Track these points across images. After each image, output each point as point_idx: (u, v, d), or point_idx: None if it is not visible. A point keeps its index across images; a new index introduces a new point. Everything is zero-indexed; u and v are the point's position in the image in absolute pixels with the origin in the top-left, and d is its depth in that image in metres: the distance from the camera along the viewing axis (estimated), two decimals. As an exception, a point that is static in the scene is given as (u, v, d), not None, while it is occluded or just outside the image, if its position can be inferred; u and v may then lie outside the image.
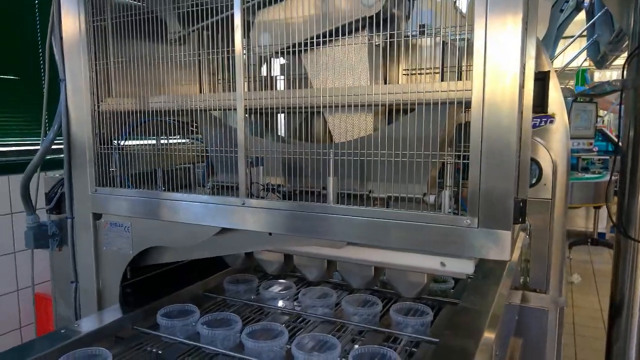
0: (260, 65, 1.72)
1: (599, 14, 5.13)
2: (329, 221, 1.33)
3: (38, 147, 1.84)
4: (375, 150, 1.32)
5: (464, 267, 1.29)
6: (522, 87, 1.23)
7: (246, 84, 1.42)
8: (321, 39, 1.37)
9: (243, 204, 1.43)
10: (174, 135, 1.77)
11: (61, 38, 1.75)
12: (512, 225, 1.10)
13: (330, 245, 1.47)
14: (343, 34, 1.38)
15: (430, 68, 1.55)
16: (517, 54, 1.09)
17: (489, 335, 1.36)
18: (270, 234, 1.44)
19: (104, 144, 1.71)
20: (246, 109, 1.43)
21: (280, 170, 1.52)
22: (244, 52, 1.41)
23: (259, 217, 1.41)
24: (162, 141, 1.70)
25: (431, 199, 1.35)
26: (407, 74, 1.50)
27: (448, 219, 1.18)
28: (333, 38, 1.36)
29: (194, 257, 1.67)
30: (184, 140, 1.84)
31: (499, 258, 1.11)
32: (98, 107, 1.71)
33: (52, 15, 1.73)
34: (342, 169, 1.37)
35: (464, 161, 1.18)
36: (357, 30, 1.41)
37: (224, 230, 1.51)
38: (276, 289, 1.86)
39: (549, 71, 1.93)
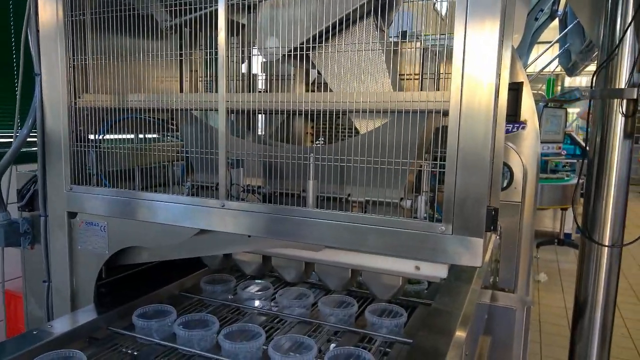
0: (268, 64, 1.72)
1: (572, 24, 5.30)
2: (308, 225, 1.35)
3: (10, 141, 1.79)
4: (354, 155, 1.34)
5: (437, 271, 1.34)
6: (497, 96, 1.28)
7: (227, 84, 1.42)
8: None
9: (223, 206, 1.44)
10: (152, 133, 1.76)
11: (37, 31, 1.71)
12: (484, 233, 1.15)
13: (308, 248, 1.49)
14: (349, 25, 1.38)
15: (411, 75, 1.59)
16: (493, 63, 1.14)
17: (460, 334, 1.41)
18: (249, 236, 1.45)
19: (80, 141, 1.69)
20: (228, 110, 1.43)
21: (261, 172, 1.53)
22: (228, 51, 1.41)
23: (239, 220, 1.42)
24: (140, 139, 1.69)
25: (407, 203, 1.39)
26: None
27: (423, 225, 1.22)
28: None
29: (171, 258, 1.66)
30: (161, 138, 1.82)
31: (471, 264, 1.16)
32: (75, 103, 1.68)
33: (29, 8, 1.69)
34: (322, 172, 1.40)
35: (441, 169, 1.21)
36: (361, 18, 1.39)
37: (202, 232, 1.52)
38: (253, 289, 1.87)
39: (522, 82, 2.00)
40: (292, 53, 1.43)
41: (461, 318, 1.54)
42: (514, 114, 1.70)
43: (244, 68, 1.81)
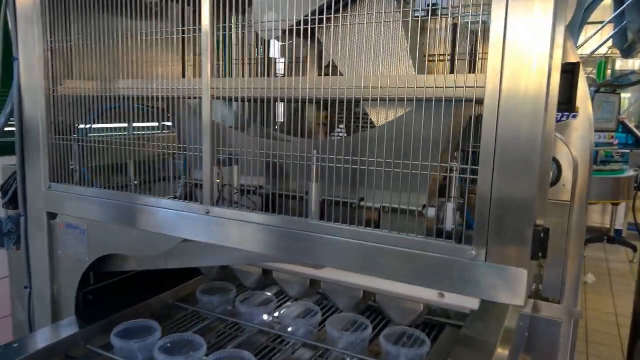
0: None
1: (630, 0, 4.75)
2: (309, 241, 1.10)
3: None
4: (368, 152, 1.08)
5: (466, 301, 1.07)
6: (549, 80, 0.99)
7: (212, 67, 1.18)
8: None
9: (207, 212, 1.21)
10: (143, 124, 1.55)
11: (15, 11, 1.52)
12: (530, 262, 0.87)
13: (312, 265, 1.25)
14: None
15: (436, 55, 1.30)
16: (546, 37, 0.85)
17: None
18: (239, 248, 1.22)
19: (60, 133, 1.50)
20: (213, 97, 1.20)
21: (258, 170, 1.29)
22: (213, 27, 1.17)
23: (226, 230, 1.19)
24: (129, 130, 1.49)
25: (431, 212, 1.12)
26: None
27: (448, 247, 0.95)
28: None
29: (159, 267, 1.46)
30: (152, 129, 1.61)
31: (511, 302, 0.88)
32: (54, 90, 1.49)
33: (5, -18, 1.51)
34: (329, 172, 1.14)
35: (472, 167, 0.94)
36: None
37: (189, 240, 1.30)
38: (254, 301, 1.65)
39: (578, 63, 1.65)
40: (293, 28, 1.17)
41: (498, 346, 1.27)
42: (567, 102, 1.37)
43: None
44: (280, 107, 1.52)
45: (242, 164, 1.26)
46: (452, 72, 1.27)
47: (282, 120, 1.58)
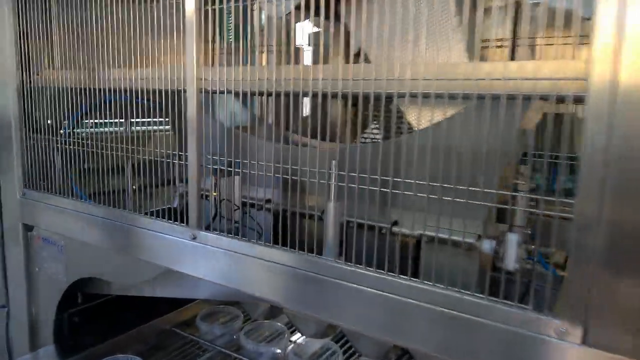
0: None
1: None
2: (324, 289, 0.82)
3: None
4: (405, 162, 0.79)
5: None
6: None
7: (197, 54, 0.90)
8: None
9: (193, 238, 0.95)
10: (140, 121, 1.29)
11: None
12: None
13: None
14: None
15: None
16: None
17: None
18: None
19: (37, 132, 1.27)
20: (202, 91, 0.92)
21: (265, 181, 1.01)
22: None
23: (214, 262, 0.93)
24: (118, 127, 1.24)
25: (487, 245, 0.82)
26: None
27: (522, 317, 0.64)
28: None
29: (146, 295, 1.21)
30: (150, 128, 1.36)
31: (626, 417, 0.57)
32: (30, 81, 1.26)
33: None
34: (354, 187, 0.85)
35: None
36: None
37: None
38: (263, 333, 1.39)
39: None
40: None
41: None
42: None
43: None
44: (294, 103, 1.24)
45: (246, 174, 0.98)
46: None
47: (297, 120, 1.29)
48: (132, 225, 1.04)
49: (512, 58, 1.04)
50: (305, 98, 0.91)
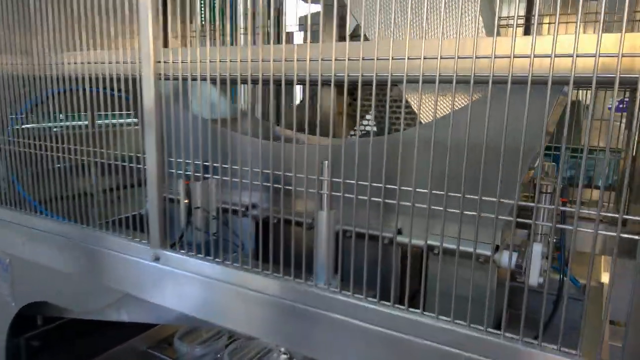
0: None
1: None
2: (314, 323, 0.65)
3: None
4: (409, 160, 0.63)
5: None
6: None
7: (154, 35, 0.72)
8: None
9: (156, 259, 0.77)
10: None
11: None
12: None
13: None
14: None
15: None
16: None
17: None
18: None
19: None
20: (160, 77, 0.75)
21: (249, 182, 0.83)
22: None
23: (182, 289, 0.75)
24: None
25: (505, 258, 0.68)
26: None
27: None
28: None
29: (111, 319, 1.04)
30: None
31: None
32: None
33: None
34: (349, 190, 0.68)
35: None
36: None
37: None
38: (250, 352, 1.22)
39: None
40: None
41: None
42: None
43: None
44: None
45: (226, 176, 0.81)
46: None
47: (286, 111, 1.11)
48: (85, 242, 0.87)
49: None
50: (292, 85, 0.73)
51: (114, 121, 0.95)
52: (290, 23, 1.11)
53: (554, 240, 0.83)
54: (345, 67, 0.62)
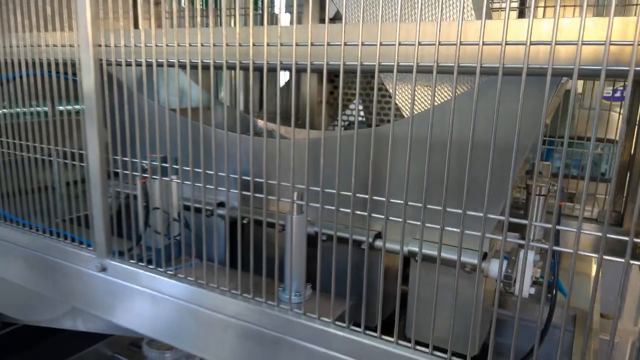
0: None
1: None
2: (273, 348, 0.57)
3: None
4: (392, 157, 0.54)
5: None
6: None
7: (92, 14, 0.62)
8: None
9: (102, 270, 0.68)
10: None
11: None
12: None
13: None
14: None
15: None
16: None
17: None
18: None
19: None
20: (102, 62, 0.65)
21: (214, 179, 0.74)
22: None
23: (132, 305, 0.67)
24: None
25: (493, 267, 0.62)
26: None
27: None
28: None
29: (65, 328, 0.96)
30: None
31: None
32: None
33: None
34: (326, 186, 0.60)
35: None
36: None
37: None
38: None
39: None
40: None
41: None
42: None
43: None
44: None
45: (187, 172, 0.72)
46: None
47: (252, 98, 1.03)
48: (30, 249, 0.77)
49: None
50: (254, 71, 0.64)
51: (59, 109, 0.85)
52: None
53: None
54: (308, 54, 0.53)
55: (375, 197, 0.54)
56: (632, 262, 0.46)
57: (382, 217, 0.55)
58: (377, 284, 0.56)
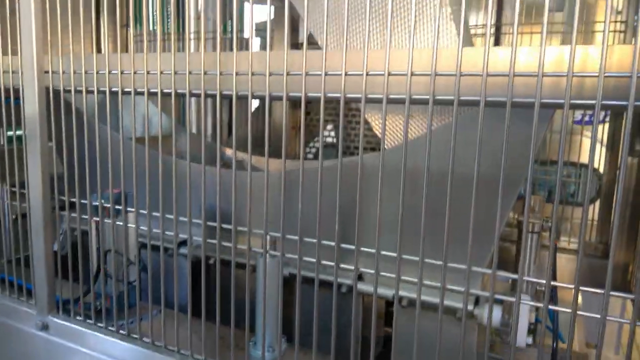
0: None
1: None
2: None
3: None
4: (370, 192, 0.50)
5: None
6: None
7: (39, 37, 0.56)
8: None
9: (44, 328, 0.59)
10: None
11: None
12: None
13: None
14: None
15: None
16: None
17: None
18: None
19: None
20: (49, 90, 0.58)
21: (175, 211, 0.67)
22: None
23: (75, 369, 0.58)
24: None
25: (484, 312, 0.60)
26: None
27: None
28: None
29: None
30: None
31: None
32: None
33: None
34: (299, 218, 0.54)
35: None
36: None
37: None
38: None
39: None
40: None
41: None
42: None
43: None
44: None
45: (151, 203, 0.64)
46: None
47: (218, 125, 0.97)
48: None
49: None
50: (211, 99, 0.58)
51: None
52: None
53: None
54: (284, 83, 0.48)
55: (343, 245, 0.50)
56: (611, 293, 0.44)
57: (352, 268, 0.51)
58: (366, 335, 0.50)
